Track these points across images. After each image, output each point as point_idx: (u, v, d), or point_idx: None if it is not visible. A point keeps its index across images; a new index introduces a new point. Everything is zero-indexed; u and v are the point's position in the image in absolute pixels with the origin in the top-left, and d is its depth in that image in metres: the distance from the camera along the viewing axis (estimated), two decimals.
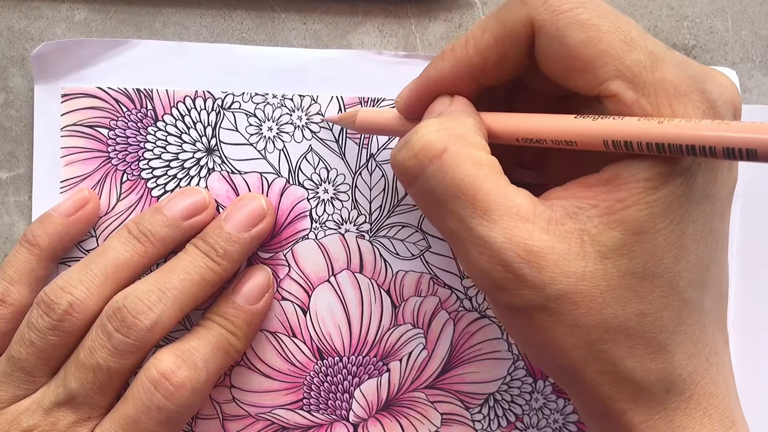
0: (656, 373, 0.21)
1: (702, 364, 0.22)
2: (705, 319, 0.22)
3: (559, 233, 0.21)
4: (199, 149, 0.31)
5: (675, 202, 0.21)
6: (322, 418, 0.31)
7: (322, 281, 0.31)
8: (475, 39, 0.23)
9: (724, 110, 0.21)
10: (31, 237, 0.29)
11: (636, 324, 0.21)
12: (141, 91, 0.31)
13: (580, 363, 0.21)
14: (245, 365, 0.31)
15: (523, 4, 0.22)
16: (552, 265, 0.21)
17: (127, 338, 0.26)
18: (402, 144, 0.23)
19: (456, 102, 0.24)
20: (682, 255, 0.21)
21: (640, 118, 0.20)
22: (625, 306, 0.21)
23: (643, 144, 0.20)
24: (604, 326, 0.21)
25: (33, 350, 0.27)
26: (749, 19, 0.32)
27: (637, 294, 0.21)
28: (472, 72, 0.24)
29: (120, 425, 0.26)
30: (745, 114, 0.31)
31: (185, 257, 0.28)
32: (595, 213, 0.21)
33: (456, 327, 0.31)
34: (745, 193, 0.31)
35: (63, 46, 0.30)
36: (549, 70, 0.23)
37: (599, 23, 0.21)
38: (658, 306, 0.21)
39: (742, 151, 0.18)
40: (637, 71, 0.21)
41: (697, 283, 0.22)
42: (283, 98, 0.31)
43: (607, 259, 0.21)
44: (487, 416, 0.31)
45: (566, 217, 0.21)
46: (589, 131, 0.21)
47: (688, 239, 0.21)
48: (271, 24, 0.32)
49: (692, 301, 0.22)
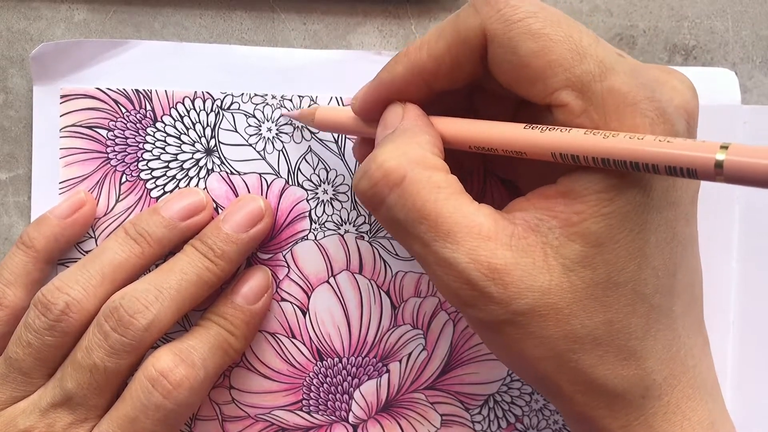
0: (629, 379, 0.22)
1: (677, 367, 0.22)
2: (676, 323, 0.23)
3: (521, 248, 0.21)
4: (199, 150, 0.31)
5: (632, 212, 0.21)
6: (322, 419, 0.31)
7: (321, 282, 0.31)
8: (429, 44, 0.23)
9: (675, 116, 0.21)
10: (27, 239, 0.29)
11: (604, 333, 0.21)
12: (140, 92, 0.31)
13: (552, 373, 0.22)
14: (245, 366, 0.31)
15: (477, 12, 0.22)
16: (516, 280, 0.21)
17: (124, 338, 0.26)
18: (361, 174, 0.23)
19: (408, 114, 0.24)
20: (645, 263, 0.21)
21: (586, 132, 0.20)
22: (591, 316, 0.21)
23: (589, 158, 0.20)
24: (572, 337, 0.21)
25: (30, 351, 0.27)
26: (749, 19, 0.32)
27: (603, 303, 0.21)
28: (425, 77, 0.24)
29: (118, 425, 0.26)
30: (746, 114, 0.31)
31: (183, 257, 0.28)
32: (555, 224, 0.21)
33: (456, 328, 0.31)
34: (746, 193, 0.31)
35: (62, 46, 0.30)
36: (501, 79, 0.23)
37: (550, 33, 0.21)
38: (624, 314, 0.21)
39: (683, 170, 0.19)
40: (586, 81, 0.21)
41: (664, 289, 0.22)
42: (282, 99, 0.31)
43: (570, 271, 0.21)
44: (487, 417, 0.31)
45: (528, 230, 0.21)
46: (537, 143, 0.21)
47: (650, 247, 0.21)
48: (270, 24, 0.32)
49: (660, 306, 0.22)
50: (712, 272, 0.30)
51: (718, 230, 0.31)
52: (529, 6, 0.22)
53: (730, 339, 0.31)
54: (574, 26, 0.22)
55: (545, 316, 0.21)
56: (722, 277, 0.31)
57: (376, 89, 0.25)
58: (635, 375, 0.22)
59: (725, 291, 0.31)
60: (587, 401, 0.22)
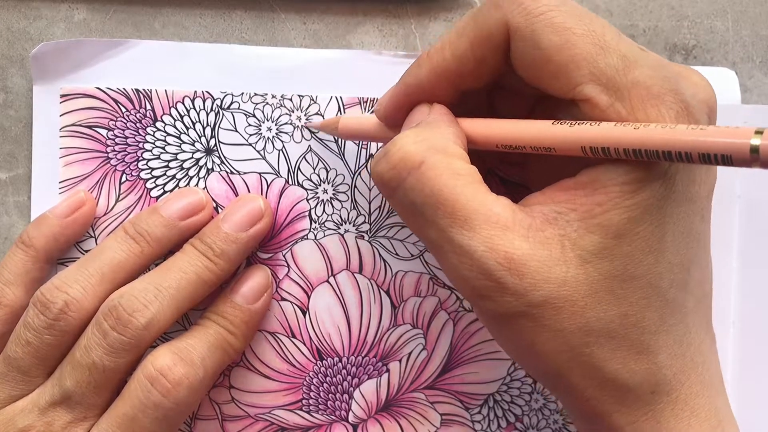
0: (641, 374, 0.22)
1: (687, 363, 0.22)
2: (688, 319, 0.23)
3: (539, 240, 0.21)
4: (198, 150, 0.31)
5: (654, 205, 0.21)
6: (322, 418, 0.31)
7: (321, 281, 0.31)
8: (452, 43, 0.23)
9: (698, 110, 0.21)
10: (27, 238, 0.29)
11: (618, 326, 0.21)
12: (140, 92, 0.31)
13: (564, 367, 0.22)
14: (244, 366, 0.31)
15: (498, 7, 0.22)
16: (533, 271, 0.21)
17: (123, 336, 0.26)
18: (381, 155, 0.23)
19: (434, 111, 0.24)
20: (662, 256, 0.21)
21: (616, 124, 0.20)
22: (607, 309, 0.21)
23: (620, 150, 0.20)
24: (586, 330, 0.21)
25: (29, 350, 0.27)
26: (750, 19, 0.32)
27: (618, 296, 0.21)
28: (450, 77, 0.24)
29: (117, 423, 0.26)
30: (746, 114, 0.31)
31: (182, 257, 0.28)
32: (574, 217, 0.21)
33: (456, 327, 0.31)
34: (746, 193, 0.31)
35: (62, 46, 0.30)
36: (524, 74, 0.23)
37: (573, 26, 0.21)
38: (639, 307, 0.21)
39: (717, 157, 0.18)
40: (610, 75, 0.21)
41: (678, 283, 0.22)
42: (282, 98, 0.31)
43: (587, 263, 0.21)
44: (487, 417, 0.31)
45: (546, 223, 0.21)
46: (567, 138, 0.21)
47: (668, 241, 0.21)
48: (270, 24, 0.32)
49: (674, 301, 0.22)
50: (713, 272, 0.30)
51: (718, 230, 0.31)
52: (550, 0, 0.22)
53: (730, 339, 0.31)
54: (596, 20, 0.22)
55: (560, 308, 0.21)
56: (722, 277, 0.31)
57: (401, 94, 0.25)
58: (647, 370, 0.22)
59: (725, 291, 0.31)
60: (597, 396, 0.22)
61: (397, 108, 0.26)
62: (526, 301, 0.21)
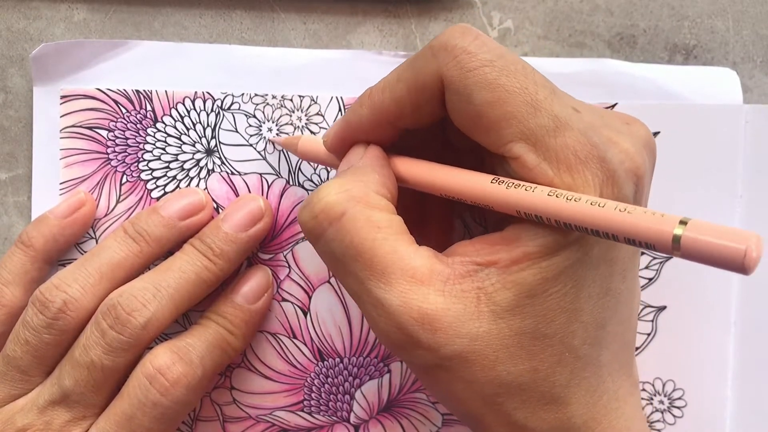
0: (550, 422, 0.22)
1: (599, 410, 0.23)
2: (602, 370, 0.23)
3: (455, 293, 0.21)
4: (199, 150, 0.31)
5: (569, 267, 0.21)
6: (323, 419, 0.31)
7: (322, 282, 0.31)
8: (390, 87, 0.24)
9: (624, 179, 0.21)
10: (26, 238, 0.29)
11: (529, 380, 0.22)
12: (140, 93, 0.31)
13: (478, 414, 0.22)
14: (245, 367, 0.31)
15: (434, 57, 0.22)
16: (446, 327, 0.21)
17: (121, 335, 0.26)
18: (305, 204, 0.23)
19: (367, 155, 0.25)
20: (575, 317, 0.22)
21: (550, 193, 0.20)
22: (517, 363, 0.21)
23: (552, 220, 0.20)
24: (497, 382, 0.21)
25: (28, 349, 0.27)
26: (750, 18, 0.32)
27: (529, 352, 0.21)
28: (389, 118, 0.24)
29: (115, 422, 0.26)
30: (746, 114, 0.31)
31: (182, 256, 0.28)
32: (494, 271, 0.21)
33: None
34: (747, 191, 0.31)
35: (62, 47, 0.30)
36: (458, 124, 0.23)
37: (506, 83, 0.21)
38: (550, 363, 0.22)
39: (641, 243, 0.19)
40: (539, 135, 0.21)
41: (592, 340, 0.22)
42: (282, 99, 0.31)
43: (500, 318, 0.21)
44: None
45: (465, 275, 0.22)
46: (502, 200, 0.22)
47: (582, 301, 0.22)
48: (270, 24, 0.32)
49: (587, 356, 0.22)
50: (713, 272, 0.30)
51: None
52: (486, 54, 0.21)
53: (730, 339, 0.31)
54: (531, 77, 0.22)
55: (472, 361, 0.21)
56: (722, 277, 0.31)
57: (344, 130, 0.26)
58: (557, 419, 0.22)
59: (725, 291, 0.31)
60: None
61: (341, 143, 0.26)
62: (440, 355, 0.21)
